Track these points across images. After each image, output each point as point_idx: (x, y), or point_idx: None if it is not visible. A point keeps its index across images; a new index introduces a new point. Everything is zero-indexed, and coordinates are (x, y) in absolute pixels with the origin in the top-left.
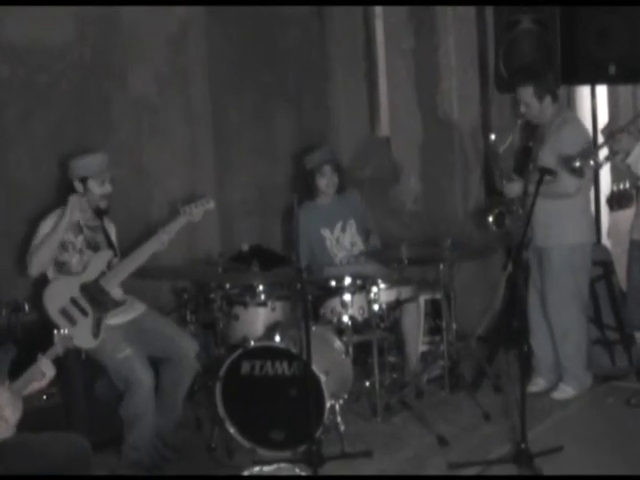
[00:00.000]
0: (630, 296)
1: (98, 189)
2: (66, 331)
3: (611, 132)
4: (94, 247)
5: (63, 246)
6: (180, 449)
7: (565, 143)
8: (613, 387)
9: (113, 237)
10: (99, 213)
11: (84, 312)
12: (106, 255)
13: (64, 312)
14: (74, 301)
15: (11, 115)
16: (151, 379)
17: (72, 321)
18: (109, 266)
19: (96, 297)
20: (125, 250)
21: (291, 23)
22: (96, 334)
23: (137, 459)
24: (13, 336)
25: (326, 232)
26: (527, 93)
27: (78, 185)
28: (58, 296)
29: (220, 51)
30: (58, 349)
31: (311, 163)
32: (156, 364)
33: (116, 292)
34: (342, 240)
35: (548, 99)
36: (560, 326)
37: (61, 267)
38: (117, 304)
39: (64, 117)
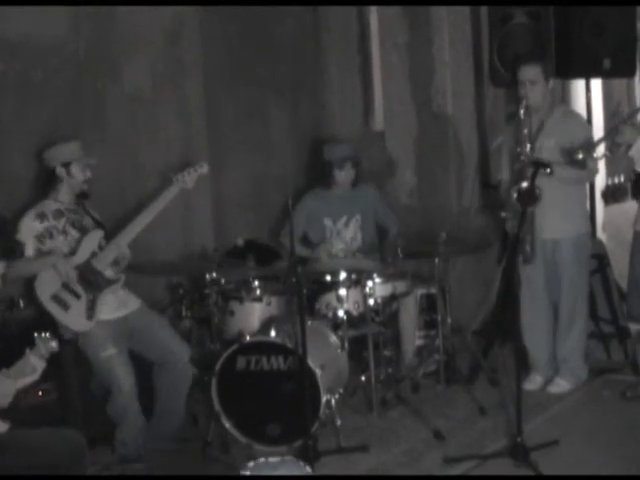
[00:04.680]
0: (631, 287)
1: (81, 174)
2: (47, 334)
3: (614, 125)
4: (80, 229)
5: (47, 234)
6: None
7: (575, 136)
8: (608, 380)
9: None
10: (83, 197)
11: (77, 295)
12: (97, 235)
13: (56, 298)
14: (66, 286)
15: (6, 110)
16: (130, 383)
17: (65, 306)
18: (100, 246)
19: (89, 278)
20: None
21: (286, 17)
22: (90, 316)
23: (124, 454)
24: (8, 332)
25: (329, 222)
26: (535, 71)
27: (61, 170)
28: (49, 282)
29: (215, 46)
30: (42, 351)
31: (331, 156)
32: (150, 364)
33: (108, 273)
34: (343, 233)
35: (551, 83)
36: (568, 317)
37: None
38: (110, 282)
39: (59, 112)
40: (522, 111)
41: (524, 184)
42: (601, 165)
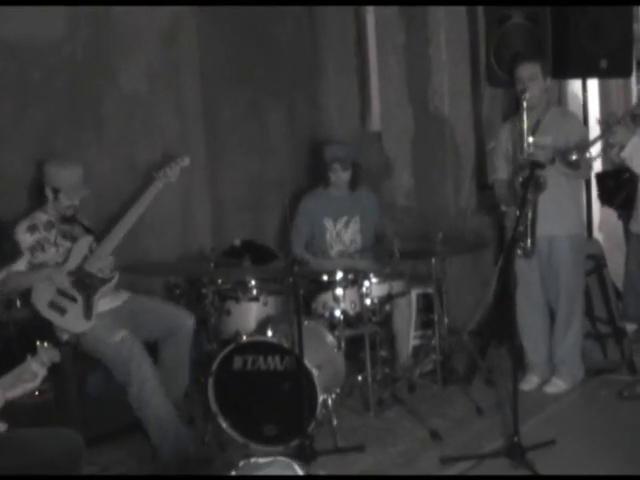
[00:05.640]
0: (626, 287)
1: (67, 201)
2: (49, 344)
3: (608, 125)
4: (71, 238)
5: (39, 246)
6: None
7: (571, 135)
8: (605, 380)
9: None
10: (66, 220)
11: (73, 299)
12: (86, 241)
13: (52, 305)
14: (61, 291)
15: (3, 111)
16: (150, 361)
17: (62, 311)
18: (91, 250)
19: (83, 281)
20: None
21: (283, 18)
22: (88, 316)
23: (163, 455)
24: (5, 333)
25: (329, 223)
26: (534, 68)
27: (49, 192)
28: (44, 291)
29: (212, 47)
30: (43, 359)
31: (325, 156)
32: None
33: (101, 273)
34: (342, 235)
35: (547, 82)
36: (565, 318)
37: (40, 267)
38: (104, 281)
39: (56, 113)
40: (525, 104)
41: (529, 171)
42: (597, 165)
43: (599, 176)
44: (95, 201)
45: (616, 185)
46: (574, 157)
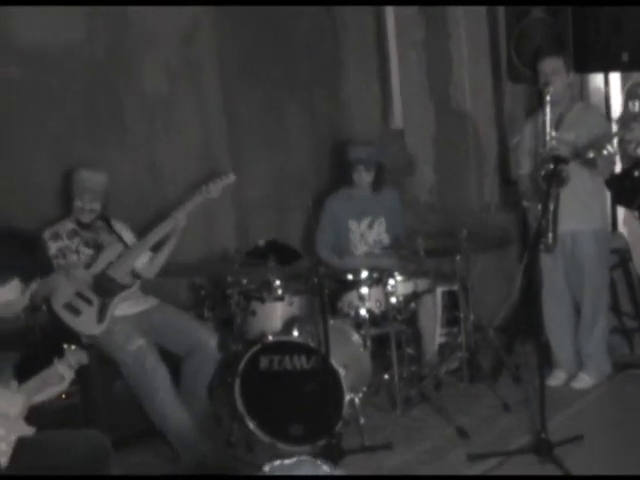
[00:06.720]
0: None
1: (79, 203)
2: (76, 347)
3: (624, 122)
4: (95, 246)
5: (60, 254)
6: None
7: (594, 131)
8: (632, 375)
9: (125, 235)
10: (79, 225)
11: (89, 302)
12: (115, 249)
13: (68, 305)
14: (79, 294)
15: (24, 117)
16: (165, 370)
17: (76, 312)
18: (119, 256)
19: (102, 285)
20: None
21: (302, 16)
22: (100, 319)
23: (187, 459)
24: (31, 336)
25: (353, 224)
26: (557, 63)
27: (72, 197)
28: (64, 292)
29: (231, 45)
30: (70, 361)
31: (348, 157)
32: (176, 365)
33: (124, 280)
34: (367, 236)
35: (571, 76)
36: (592, 312)
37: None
38: (123, 287)
39: (77, 117)
40: (548, 97)
41: (552, 166)
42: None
43: (614, 179)
44: (117, 204)
45: (633, 186)
46: (591, 155)
